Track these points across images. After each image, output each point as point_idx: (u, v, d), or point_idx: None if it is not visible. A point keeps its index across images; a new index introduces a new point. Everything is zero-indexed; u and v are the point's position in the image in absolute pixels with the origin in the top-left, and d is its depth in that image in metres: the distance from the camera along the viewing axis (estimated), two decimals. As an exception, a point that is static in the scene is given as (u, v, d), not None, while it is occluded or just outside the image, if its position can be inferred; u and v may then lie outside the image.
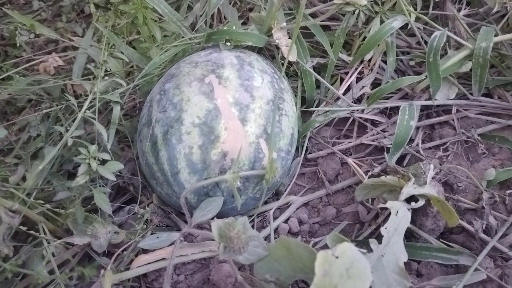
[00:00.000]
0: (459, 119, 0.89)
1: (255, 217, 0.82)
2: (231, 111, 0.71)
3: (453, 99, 0.90)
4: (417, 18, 0.92)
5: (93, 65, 1.02)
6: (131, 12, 0.83)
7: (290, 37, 0.83)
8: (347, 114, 0.91)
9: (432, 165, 0.72)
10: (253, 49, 0.87)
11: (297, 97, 0.91)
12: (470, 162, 0.85)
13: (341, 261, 0.49)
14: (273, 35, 0.81)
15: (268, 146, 0.73)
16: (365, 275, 0.48)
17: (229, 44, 0.82)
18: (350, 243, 0.51)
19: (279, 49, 0.84)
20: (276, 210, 0.82)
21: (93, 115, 0.71)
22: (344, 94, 0.91)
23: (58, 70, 1.02)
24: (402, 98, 0.94)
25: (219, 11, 0.98)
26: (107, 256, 0.72)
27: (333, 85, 0.93)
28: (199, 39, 0.86)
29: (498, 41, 0.88)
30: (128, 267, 0.70)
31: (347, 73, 0.94)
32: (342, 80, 0.94)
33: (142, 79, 0.84)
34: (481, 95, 0.90)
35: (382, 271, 0.58)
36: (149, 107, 0.77)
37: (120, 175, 0.84)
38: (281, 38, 0.82)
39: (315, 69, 0.91)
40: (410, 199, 0.67)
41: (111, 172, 0.66)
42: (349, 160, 0.84)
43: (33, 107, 1.04)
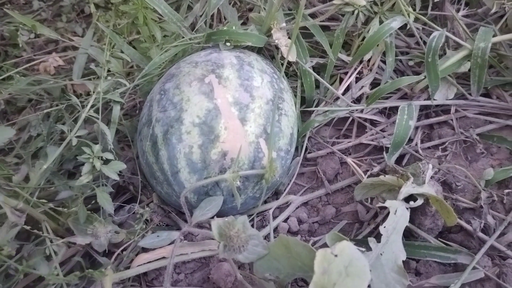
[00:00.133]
0: (457, 119, 0.90)
1: (254, 216, 0.82)
2: (231, 111, 0.72)
3: (452, 99, 0.90)
4: (416, 18, 0.92)
5: (93, 64, 1.02)
6: (132, 12, 0.83)
7: (289, 37, 0.83)
8: (347, 114, 0.91)
9: (430, 164, 0.72)
10: (252, 49, 0.87)
11: (296, 97, 0.91)
12: (468, 161, 0.85)
13: (340, 260, 0.49)
14: (272, 35, 0.82)
15: (267, 145, 0.73)
16: (364, 273, 0.49)
17: (228, 44, 0.82)
18: (349, 242, 0.51)
19: (278, 49, 0.84)
20: (275, 209, 0.82)
21: (96, 114, 0.72)
22: (343, 94, 0.92)
23: (58, 70, 1.03)
24: (401, 98, 0.94)
25: (219, 11, 0.99)
26: (107, 255, 0.72)
27: (332, 85, 0.93)
28: (199, 39, 0.86)
29: (496, 42, 0.88)
30: (128, 266, 0.70)
31: (346, 73, 0.94)
32: (341, 80, 0.95)
33: (142, 79, 0.84)
34: (480, 95, 0.90)
35: (380, 270, 0.58)
36: (149, 106, 0.78)
37: (120, 175, 0.83)
38: (280, 38, 0.82)
39: (315, 69, 0.92)
40: (408, 199, 0.68)
41: (115, 171, 0.67)
42: (348, 159, 0.84)
43: (33, 106, 1.04)
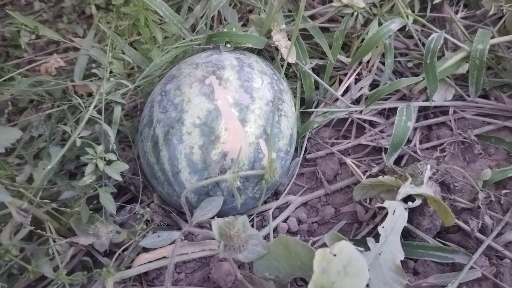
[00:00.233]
0: (456, 120, 0.90)
1: (254, 217, 0.82)
2: (231, 112, 0.72)
3: (450, 100, 0.91)
4: (415, 20, 0.93)
5: (95, 65, 1.03)
6: (133, 14, 0.84)
7: (289, 39, 0.84)
8: (346, 115, 0.92)
9: (429, 165, 0.73)
10: (253, 50, 0.88)
11: (296, 98, 0.91)
12: (466, 162, 0.86)
13: (338, 259, 0.50)
14: (272, 37, 0.82)
15: (267, 146, 0.74)
16: (362, 272, 0.49)
17: (229, 45, 0.83)
18: (347, 242, 0.52)
19: (278, 50, 0.85)
20: (275, 209, 0.83)
21: (98, 115, 0.72)
22: (342, 95, 0.92)
23: (59, 71, 1.03)
24: (400, 99, 0.95)
25: (219, 13, 0.99)
26: (108, 255, 0.73)
27: (332, 86, 0.94)
28: (199, 41, 0.86)
29: (494, 43, 0.89)
30: (129, 266, 0.71)
31: (345, 75, 0.95)
32: (340, 81, 0.95)
33: (143, 80, 0.85)
34: (478, 97, 0.91)
35: (379, 269, 0.59)
36: (150, 107, 0.78)
37: (121, 175, 0.84)
38: (280, 40, 0.82)
39: (314, 70, 0.92)
40: (407, 199, 0.68)
41: (117, 172, 0.67)
42: (347, 160, 0.85)
43: (35, 107, 1.05)
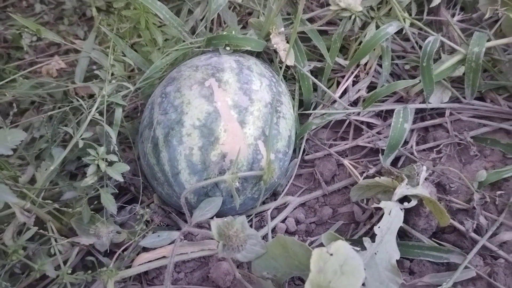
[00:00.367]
0: (452, 122, 0.91)
1: (253, 217, 0.83)
2: (230, 114, 0.73)
3: (447, 103, 0.92)
4: (412, 23, 0.93)
5: (95, 67, 1.04)
6: (134, 17, 0.85)
7: (288, 41, 0.85)
8: (344, 116, 0.93)
9: (424, 166, 0.74)
10: (252, 53, 0.89)
11: (294, 100, 0.92)
12: (462, 163, 0.87)
13: (335, 258, 0.50)
14: (271, 40, 0.83)
15: (266, 147, 0.75)
16: (358, 271, 0.50)
17: (228, 48, 0.84)
18: (344, 241, 0.53)
19: (277, 53, 0.86)
20: (273, 210, 0.84)
21: (100, 117, 0.73)
22: (340, 97, 0.93)
23: (60, 72, 1.04)
24: (397, 101, 0.96)
25: (219, 16, 1.00)
26: (109, 254, 0.74)
27: (330, 89, 0.95)
28: (199, 44, 0.87)
29: (490, 46, 0.89)
30: (129, 266, 0.72)
31: (343, 77, 0.96)
32: (338, 83, 0.96)
33: (144, 82, 0.86)
34: (474, 99, 0.92)
35: (375, 268, 0.60)
36: (151, 109, 0.79)
37: (122, 175, 0.85)
38: (279, 42, 0.83)
39: (312, 72, 0.93)
40: (403, 200, 0.69)
41: (119, 173, 0.68)
42: (345, 161, 0.86)
43: (36, 108, 1.05)
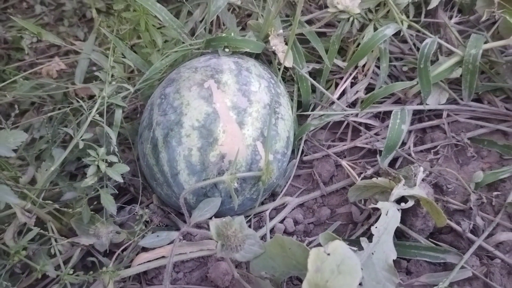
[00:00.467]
0: (449, 123, 0.92)
1: (252, 217, 0.84)
2: (229, 115, 0.74)
3: (444, 104, 0.93)
4: (410, 25, 0.94)
5: (95, 68, 1.04)
6: (134, 18, 0.85)
7: (286, 43, 0.86)
8: (342, 118, 0.93)
9: (422, 167, 0.74)
10: (250, 55, 0.90)
11: (293, 101, 0.93)
12: (459, 165, 0.88)
13: (332, 258, 0.51)
14: (270, 42, 0.84)
15: (264, 148, 0.75)
16: (355, 271, 0.51)
17: (227, 50, 0.84)
18: (341, 241, 0.53)
19: (275, 55, 0.86)
20: (272, 210, 0.84)
21: (100, 118, 0.74)
22: (338, 98, 0.94)
23: (60, 73, 1.05)
24: (395, 102, 0.96)
25: (218, 17, 1.01)
26: (108, 255, 0.74)
27: (328, 90, 0.96)
28: (198, 45, 0.88)
29: (487, 48, 0.90)
30: (128, 266, 0.72)
31: (341, 78, 0.97)
32: (337, 85, 0.97)
33: (143, 83, 0.86)
34: (471, 100, 0.93)
35: (372, 268, 0.60)
36: (150, 110, 0.80)
37: (121, 176, 0.85)
38: (277, 44, 0.84)
39: (311, 74, 0.94)
40: (401, 200, 0.70)
41: (119, 173, 0.68)
42: (343, 162, 0.86)
43: (36, 109, 1.06)
